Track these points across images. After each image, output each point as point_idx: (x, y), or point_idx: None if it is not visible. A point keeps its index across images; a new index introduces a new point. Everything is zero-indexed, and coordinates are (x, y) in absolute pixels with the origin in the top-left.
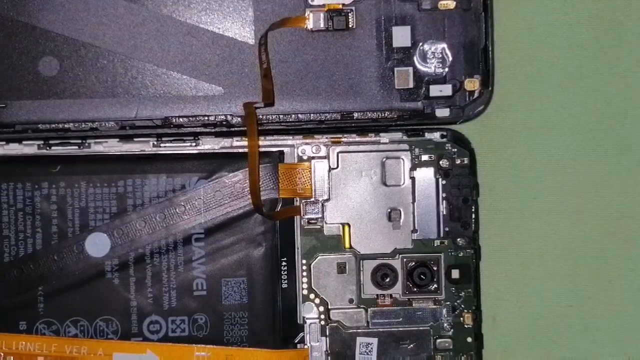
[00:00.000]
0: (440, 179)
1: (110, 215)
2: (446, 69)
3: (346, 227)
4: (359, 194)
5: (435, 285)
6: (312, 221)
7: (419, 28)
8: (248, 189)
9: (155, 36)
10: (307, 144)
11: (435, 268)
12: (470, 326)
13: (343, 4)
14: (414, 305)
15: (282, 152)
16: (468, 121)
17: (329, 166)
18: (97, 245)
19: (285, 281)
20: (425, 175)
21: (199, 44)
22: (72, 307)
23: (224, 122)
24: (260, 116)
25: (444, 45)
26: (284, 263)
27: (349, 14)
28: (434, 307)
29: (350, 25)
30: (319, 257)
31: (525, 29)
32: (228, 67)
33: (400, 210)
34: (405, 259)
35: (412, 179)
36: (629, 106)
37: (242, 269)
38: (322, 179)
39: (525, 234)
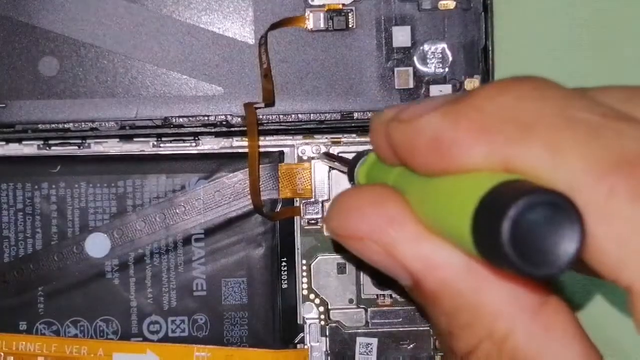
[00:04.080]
0: None
1: (110, 215)
2: (446, 69)
3: None
4: None
5: None
6: (312, 221)
7: (419, 28)
8: (248, 189)
9: (155, 36)
10: (307, 144)
11: None
12: None
13: (343, 4)
14: (414, 305)
15: (282, 152)
16: None
17: (331, 168)
18: (97, 245)
19: (285, 281)
20: None
21: (199, 44)
22: (72, 307)
23: (224, 122)
24: (260, 116)
25: (444, 45)
26: (284, 263)
27: (349, 14)
28: None
29: (350, 25)
30: (319, 257)
31: (525, 29)
32: (228, 67)
33: None
34: None
35: None
36: None
37: (242, 269)
38: (322, 179)
39: None
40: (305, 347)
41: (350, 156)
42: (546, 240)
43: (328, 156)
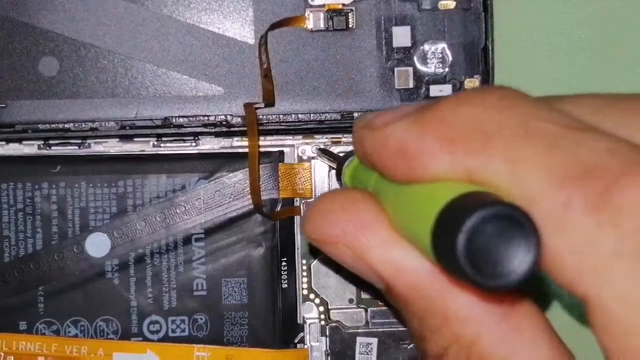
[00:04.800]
0: None
1: (110, 215)
2: (446, 69)
3: None
4: None
5: None
6: None
7: (419, 28)
8: (248, 189)
9: (155, 36)
10: (307, 144)
11: None
12: None
13: (343, 4)
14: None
15: (282, 152)
16: None
17: (329, 166)
18: (97, 245)
19: (285, 281)
20: None
21: (199, 44)
22: (72, 307)
23: (224, 122)
24: (260, 116)
25: (444, 45)
26: (284, 263)
27: (349, 14)
28: None
29: (350, 25)
30: (319, 257)
31: (525, 29)
32: (228, 67)
33: None
34: None
35: None
36: None
37: (242, 269)
38: (322, 179)
39: None
40: (305, 346)
41: None
42: (502, 253)
43: (323, 152)
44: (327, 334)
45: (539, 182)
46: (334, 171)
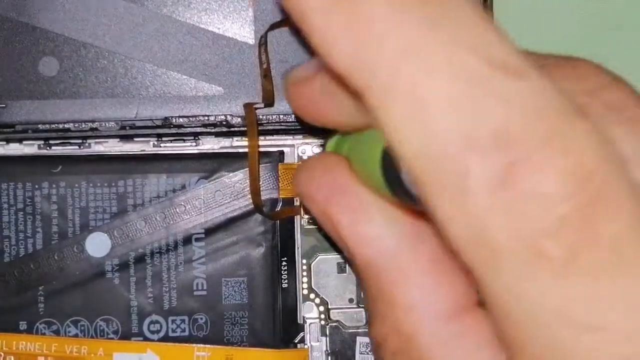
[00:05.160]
0: None
1: (110, 215)
2: None
3: None
4: None
5: None
6: (312, 221)
7: None
8: (248, 188)
9: (155, 36)
10: (307, 144)
11: None
12: None
13: None
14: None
15: (282, 152)
16: None
17: None
18: (98, 245)
19: (285, 281)
20: None
21: (199, 44)
22: (72, 307)
23: (224, 122)
24: (260, 116)
25: None
26: (284, 263)
27: None
28: None
29: None
30: (319, 257)
31: (525, 29)
32: (228, 67)
33: None
34: None
35: None
36: None
37: (242, 269)
38: None
39: None
40: (306, 346)
41: None
42: None
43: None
44: (327, 333)
45: (441, 137)
46: None
